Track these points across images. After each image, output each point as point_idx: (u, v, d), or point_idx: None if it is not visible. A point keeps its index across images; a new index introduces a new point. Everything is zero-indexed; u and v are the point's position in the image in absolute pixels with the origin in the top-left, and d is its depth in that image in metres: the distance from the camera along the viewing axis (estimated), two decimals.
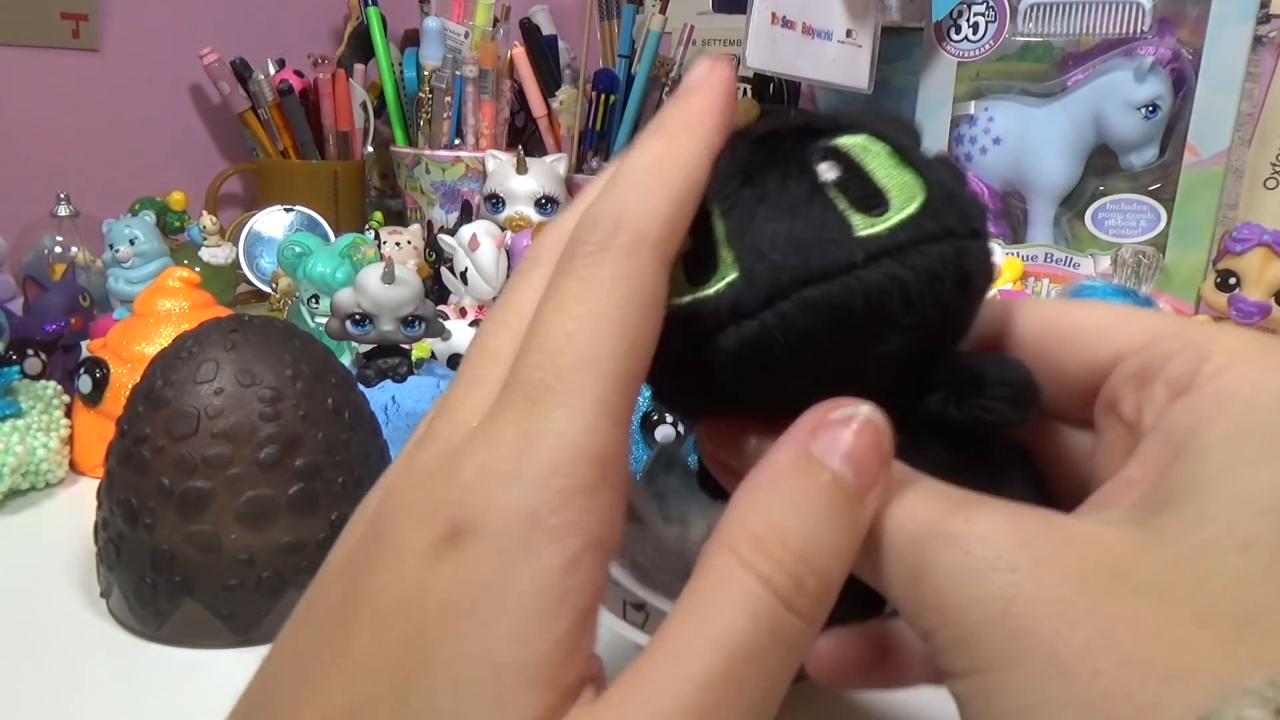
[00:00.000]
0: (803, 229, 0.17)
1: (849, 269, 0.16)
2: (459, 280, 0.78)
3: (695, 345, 0.18)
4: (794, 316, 0.17)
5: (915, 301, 0.17)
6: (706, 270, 0.18)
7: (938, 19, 0.79)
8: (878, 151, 0.18)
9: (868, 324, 0.17)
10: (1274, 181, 0.77)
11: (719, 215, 0.18)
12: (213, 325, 0.36)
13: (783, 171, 0.17)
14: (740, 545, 0.15)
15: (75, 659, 0.33)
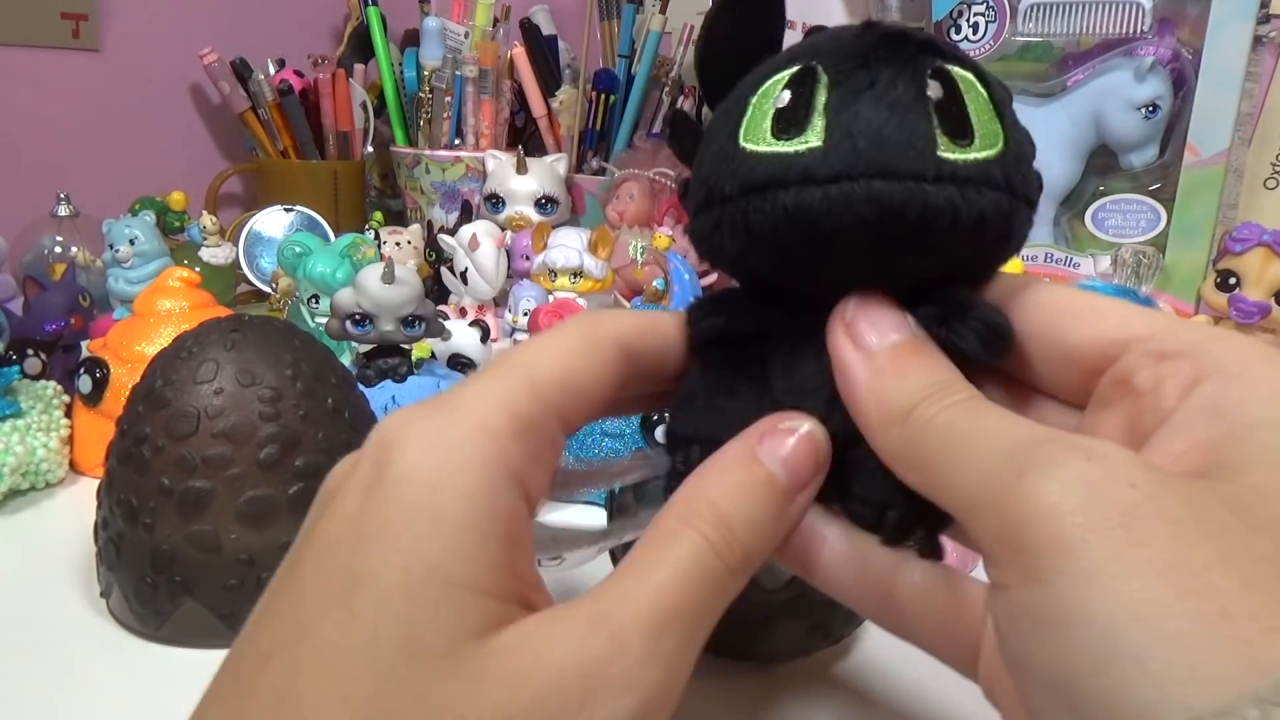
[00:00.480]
0: (895, 128, 0.18)
1: (919, 178, 0.18)
2: (459, 280, 0.78)
3: (755, 192, 0.19)
4: (854, 200, 0.18)
5: (959, 232, 0.18)
6: (794, 128, 0.19)
7: (938, 19, 0.79)
8: (980, 93, 0.19)
9: (912, 234, 0.18)
10: (1274, 181, 0.77)
11: (825, 85, 0.19)
12: (213, 325, 0.36)
13: (897, 70, 0.18)
14: (687, 514, 0.18)
15: (75, 659, 0.33)
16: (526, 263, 0.77)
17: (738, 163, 0.19)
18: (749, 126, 0.19)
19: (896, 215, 0.18)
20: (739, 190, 0.19)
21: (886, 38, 0.19)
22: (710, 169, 0.20)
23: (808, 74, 0.19)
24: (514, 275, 0.79)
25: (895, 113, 0.18)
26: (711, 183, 0.20)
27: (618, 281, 0.71)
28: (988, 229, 0.19)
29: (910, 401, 0.18)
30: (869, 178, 0.18)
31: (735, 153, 0.19)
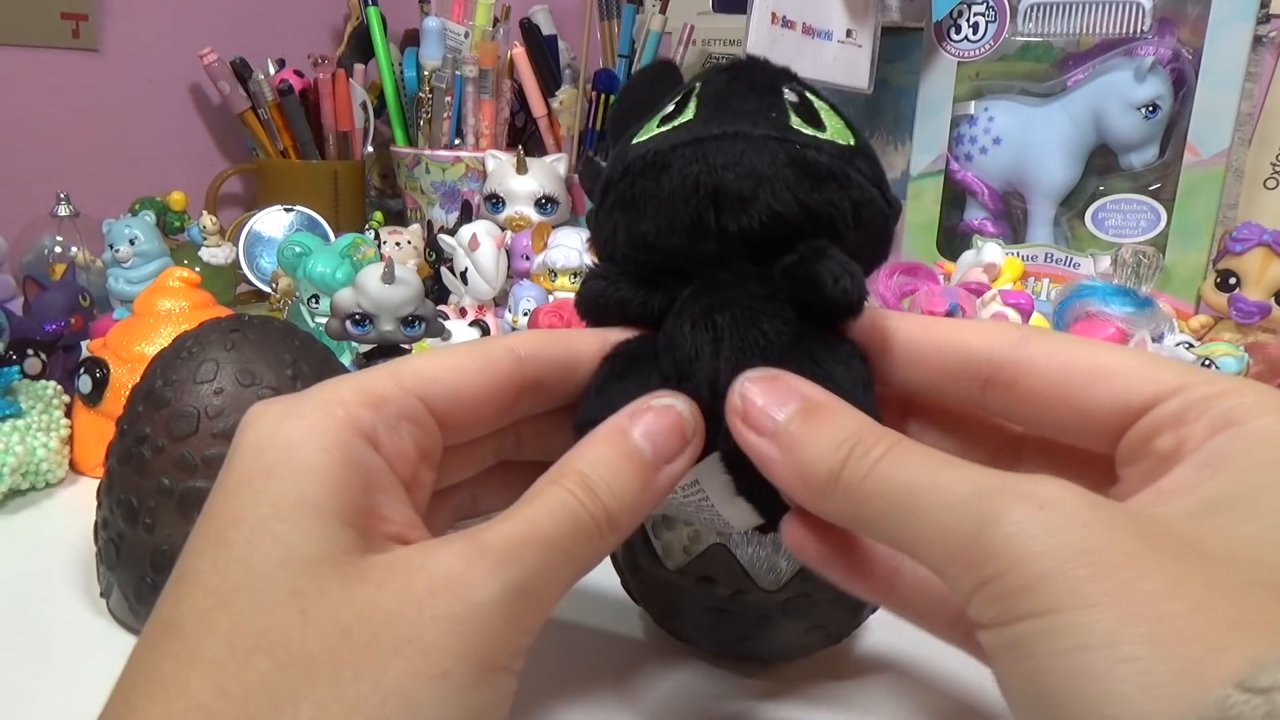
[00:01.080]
0: (755, 107, 0.21)
1: (780, 140, 0.21)
2: (459, 280, 0.78)
3: (640, 160, 0.22)
4: (722, 144, 0.21)
5: (816, 182, 0.21)
6: (674, 117, 0.22)
7: (938, 19, 0.79)
8: (833, 114, 0.23)
9: (776, 174, 0.21)
10: (1274, 181, 0.77)
11: (698, 90, 0.23)
12: (213, 325, 0.36)
13: (760, 77, 0.23)
14: (557, 476, 0.20)
15: (75, 659, 0.33)
16: (526, 263, 0.77)
17: (628, 153, 0.22)
18: (639, 133, 0.23)
19: (759, 159, 0.20)
20: (625, 168, 0.22)
21: (751, 61, 0.23)
22: (607, 172, 0.23)
23: (688, 87, 0.23)
24: (514, 275, 0.79)
25: (756, 96, 0.22)
26: (606, 178, 0.23)
27: None
28: (826, 183, 0.21)
29: (832, 468, 0.19)
30: (732, 126, 0.21)
31: (626, 148, 0.23)
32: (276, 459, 0.19)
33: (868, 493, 0.18)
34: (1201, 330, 0.67)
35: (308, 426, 0.19)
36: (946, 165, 0.82)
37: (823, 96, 0.23)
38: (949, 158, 0.82)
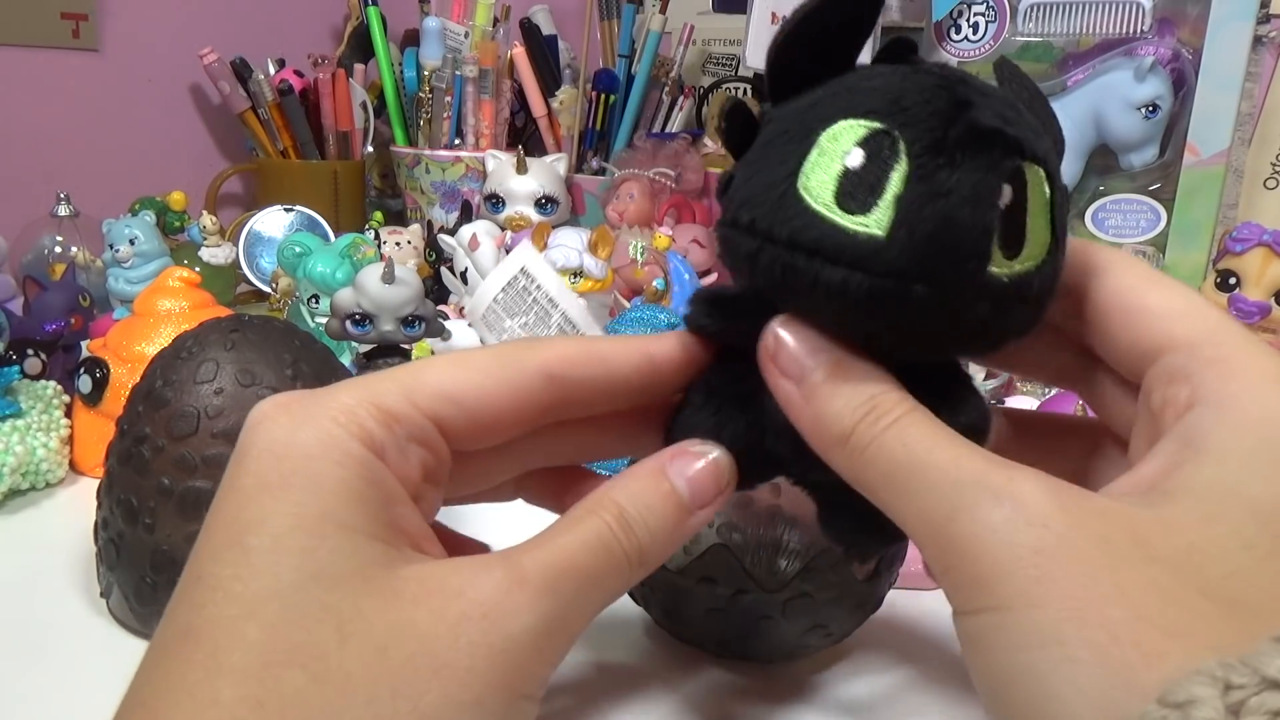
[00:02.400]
0: (955, 241, 0.19)
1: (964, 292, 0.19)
2: (459, 280, 0.77)
3: (801, 251, 0.19)
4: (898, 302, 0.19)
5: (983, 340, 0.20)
6: (859, 204, 0.19)
7: (938, 19, 0.79)
8: (1044, 194, 0.20)
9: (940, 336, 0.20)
10: (1274, 181, 0.77)
11: (902, 172, 0.19)
12: (213, 325, 0.36)
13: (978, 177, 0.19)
14: (594, 506, 0.20)
15: (75, 659, 0.33)
16: None
17: (793, 213, 0.19)
18: (811, 171, 0.19)
19: (929, 323, 0.19)
20: (787, 242, 0.19)
21: (979, 137, 0.19)
22: (762, 199, 0.20)
23: (886, 142, 0.19)
24: None
25: (963, 221, 0.18)
26: (760, 215, 0.20)
27: (618, 281, 0.71)
28: (1005, 339, 0.20)
29: (846, 425, 0.19)
30: (918, 282, 0.19)
31: (792, 199, 0.19)
32: (294, 469, 0.19)
33: (870, 458, 0.19)
34: None
35: (323, 437, 0.19)
36: None
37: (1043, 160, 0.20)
38: None
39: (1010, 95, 0.21)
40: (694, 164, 0.85)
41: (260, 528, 0.18)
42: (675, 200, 0.85)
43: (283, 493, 0.18)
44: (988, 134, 0.19)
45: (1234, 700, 0.13)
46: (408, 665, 0.17)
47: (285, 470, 0.19)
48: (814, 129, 0.20)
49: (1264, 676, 0.13)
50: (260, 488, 0.19)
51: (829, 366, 0.20)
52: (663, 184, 0.84)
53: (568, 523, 0.20)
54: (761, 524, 0.40)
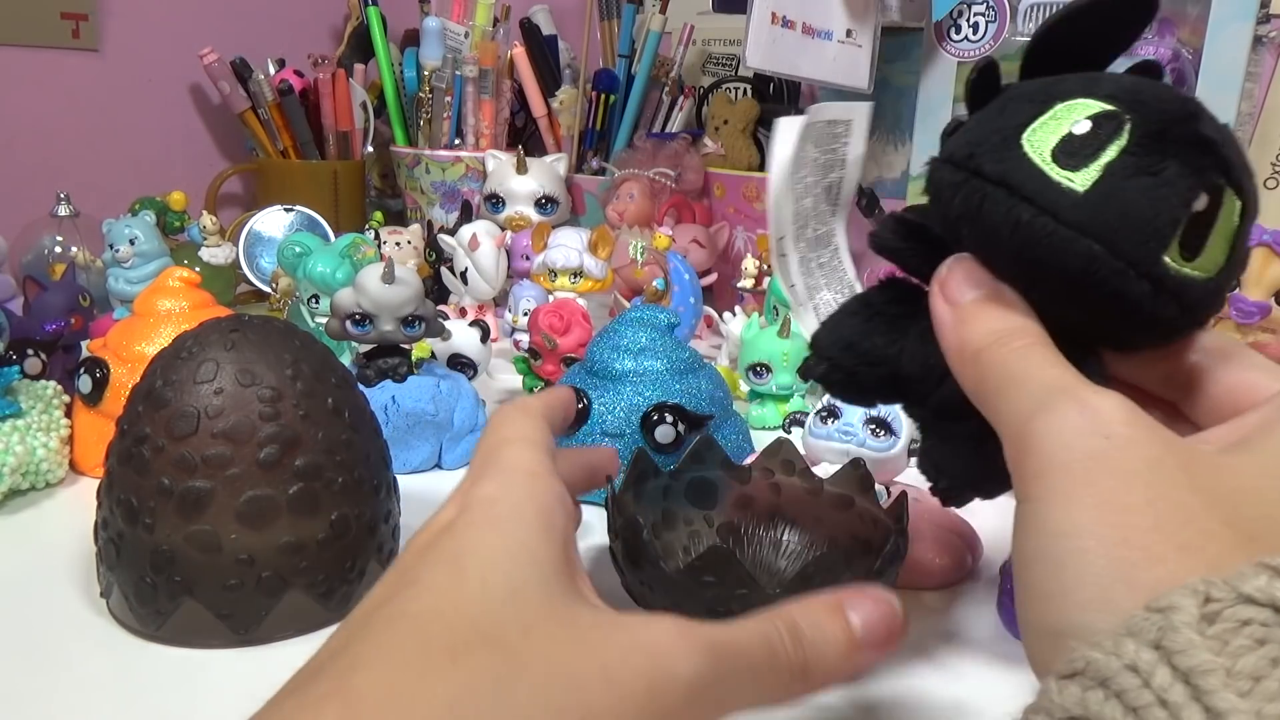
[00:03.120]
0: (1145, 218, 0.20)
1: (1132, 267, 0.21)
2: (459, 280, 0.77)
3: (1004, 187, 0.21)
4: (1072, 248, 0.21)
5: (1129, 322, 0.22)
6: (1072, 162, 0.21)
7: (938, 19, 0.79)
8: (1232, 222, 0.22)
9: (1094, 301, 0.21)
10: (1274, 181, 0.77)
11: (1120, 145, 0.21)
12: (213, 325, 0.36)
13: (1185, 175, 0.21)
14: (774, 617, 0.22)
15: (75, 659, 0.33)
16: (526, 263, 0.77)
17: (1008, 156, 0.22)
18: (1039, 129, 0.22)
19: (1090, 283, 0.21)
20: (994, 178, 0.22)
21: (1198, 141, 0.21)
22: (984, 142, 0.22)
23: (1115, 120, 0.21)
24: (514, 275, 0.79)
25: (1152, 208, 0.20)
26: (978, 151, 0.22)
27: (618, 281, 0.71)
28: (1150, 331, 0.22)
29: (981, 343, 0.22)
30: (1096, 240, 0.20)
31: (1013, 146, 0.22)
32: (504, 515, 0.23)
33: (992, 369, 0.22)
34: None
35: (526, 493, 0.24)
36: None
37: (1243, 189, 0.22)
38: None
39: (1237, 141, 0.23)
40: (694, 164, 0.85)
41: (474, 553, 0.22)
42: (675, 200, 0.85)
43: (494, 528, 0.22)
44: (1205, 142, 0.21)
45: (1210, 610, 0.15)
46: (581, 667, 0.19)
47: (498, 513, 0.23)
48: (1054, 99, 0.22)
49: (1239, 592, 0.15)
50: (473, 524, 0.23)
51: (986, 295, 0.23)
52: (663, 184, 0.84)
53: (741, 620, 0.22)
54: (761, 524, 0.40)
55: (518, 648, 0.19)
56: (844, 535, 0.38)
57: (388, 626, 0.20)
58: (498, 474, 0.24)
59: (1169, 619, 0.15)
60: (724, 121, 0.88)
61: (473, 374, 0.57)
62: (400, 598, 0.21)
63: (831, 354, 0.27)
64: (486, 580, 0.21)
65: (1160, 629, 0.15)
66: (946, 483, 0.26)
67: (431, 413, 0.50)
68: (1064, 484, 0.18)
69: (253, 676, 0.33)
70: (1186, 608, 0.15)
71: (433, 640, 0.19)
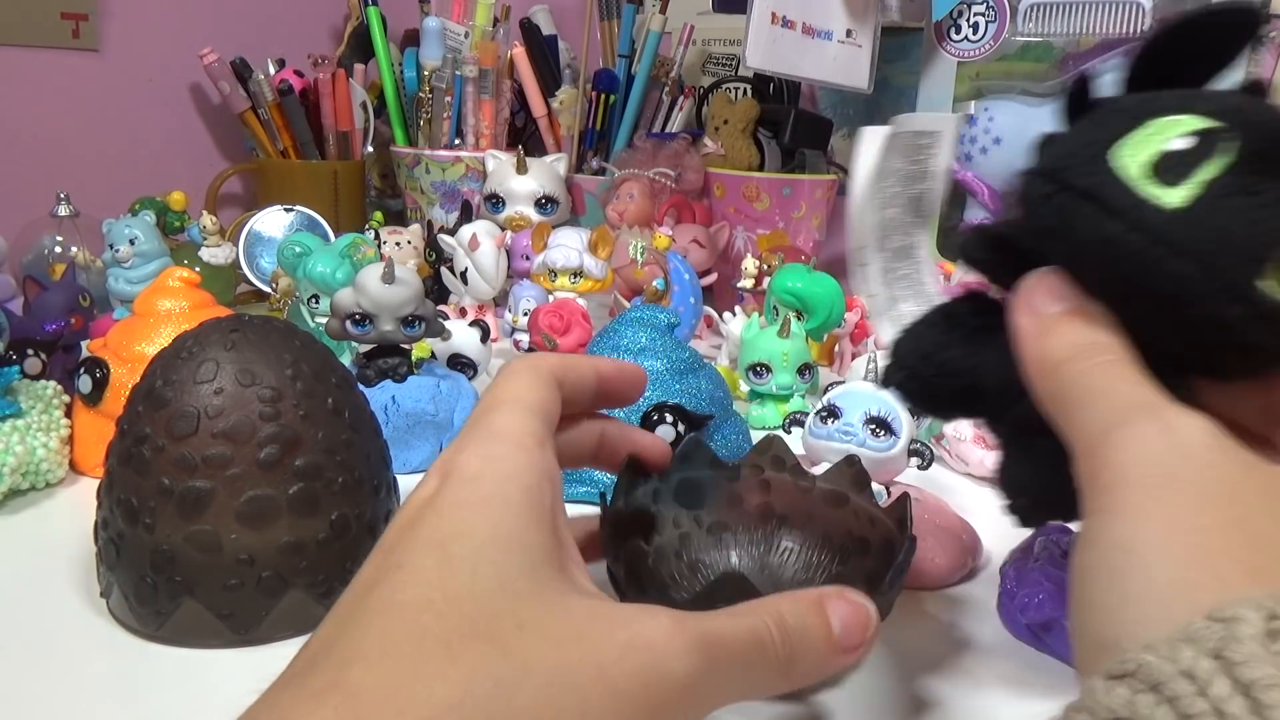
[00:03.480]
0: (1240, 241, 0.20)
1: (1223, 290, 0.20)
2: (459, 280, 0.77)
3: (1093, 201, 0.21)
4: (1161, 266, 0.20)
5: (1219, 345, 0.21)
6: (1169, 178, 0.20)
7: (938, 19, 0.79)
8: None
9: (1184, 320, 0.20)
10: None
11: (1221, 163, 0.20)
12: (213, 325, 0.36)
13: None
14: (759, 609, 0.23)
15: (75, 659, 0.33)
16: (526, 263, 0.77)
17: (1098, 169, 0.21)
18: (1131, 144, 0.21)
19: (1181, 304, 0.20)
20: (1083, 191, 0.21)
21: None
22: (1075, 154, 0.22)
23: (1217, 138, 0.20)
24: (514, 275, 0.79)
25: (1250, 229, 0.19)
26: (1070, 164, 0.22)
27: (618, 281, 0.71)
28: (1241, 358, 0.21)
29: (1062, 356, 0.22)
30: (1190, 262, 0.20)
31: (1103, 160, 0.21)
32: (490, 493, 0.22)
33: (1071, 382, 0.21)
34: None
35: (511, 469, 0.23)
36: None
37: None
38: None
39: None
40: (694, 164, 0.85)
41: (462, 538, 0.21)
42: (675, 200, 0.85)
43: (480, 511, 0.22)
44: None
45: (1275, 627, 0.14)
46: (578, 667, 0.19)
47: (483, 493, 0.22)
48: (1151, 114, 0.21)
49: None
50: (459, 504, 0.22)
51: (1070, 309, 0.22)
52: (663, 184, 0.84)
53: (729, 612, 0.22)
54: (753, 522, 0.39)
55: (514, 645, 0.19)
56: (839, 533, 0.38)
57: (380, 616, 0.20)
58: (483, 443, 0.24)
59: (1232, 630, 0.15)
60: (724, 121, 0.88)
61: (473, 374, 0.57)
62: (388, 583, 0.20)
63: (910, 363, 0.27)
64: (476, 570, 0.20)
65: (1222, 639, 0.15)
66: (1025, 501, 0.26)
67: (431, 413, 0.50)
68: (1136, 499, 0.18)
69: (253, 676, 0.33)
70: (1252, 620, 0.15)
71: (428, 633, 0.19)
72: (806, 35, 0.75)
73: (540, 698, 0.19)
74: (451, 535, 0.21)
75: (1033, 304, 0.23)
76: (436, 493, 0.22)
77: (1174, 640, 0.15)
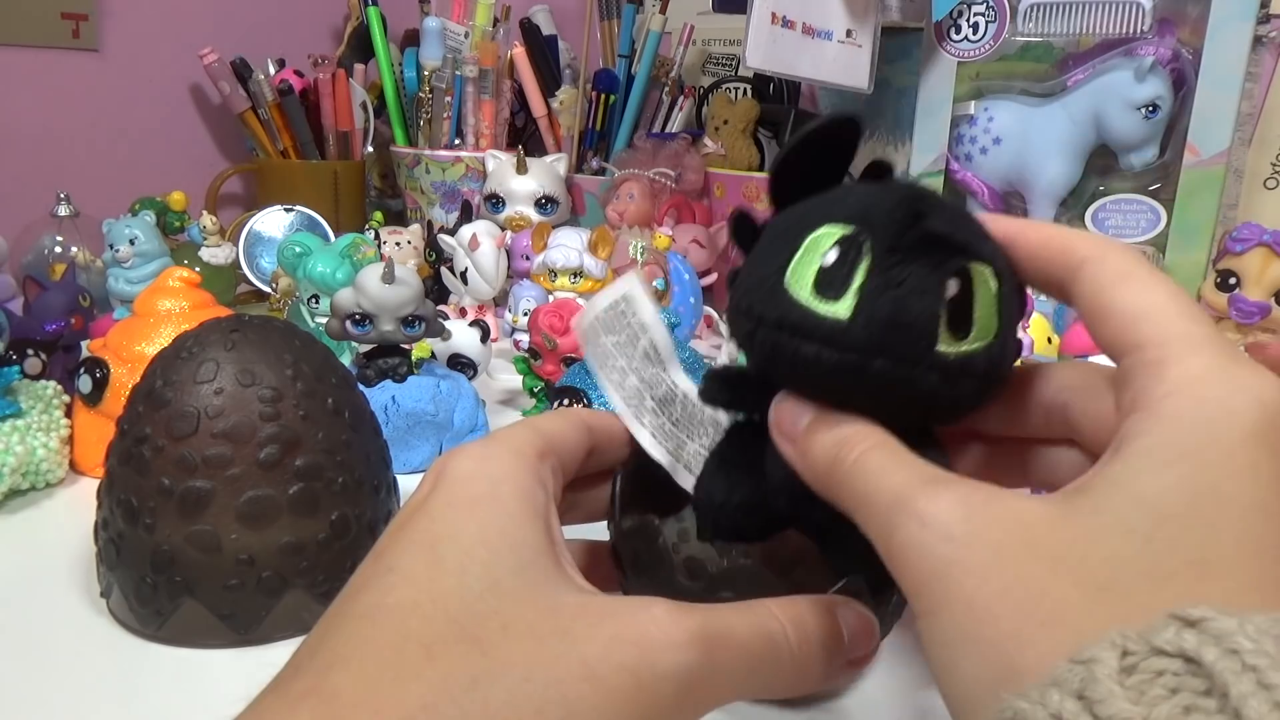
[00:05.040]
0: (907, 323, 0.23)
1: (914, 365, 0.23)
2: (459, 280, 0.77)
3: (786, 330, 0.24)
4: (859, 371, 0.23)
5: (938, 408, 0.24)
6: (831, 292, 0.23)
7: (938, 19, 0.79)
8: (990, 288, 0.24)
9: (899, 403, 0.23)
10: (1274, 181, 0.77)
11: (865, 267, 0.23)
12: (213, 325, 0.36)
13: (926, 271, 0.23)
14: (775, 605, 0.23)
15: (75, 659, 0.33)
16: (526, 263, 0.77)
17: (780, 299, 0.24)
18: (797, 268, 0.24)
19: (888, 391, 0.23)
20: (775, 323, 0.24)
21: (928, 240, 0.23)
22: (756, 288, 0.25)
23: (855, 244, 0.23)
24: (514, 275, 0.79)
25: (912, 307, 0.22)
26: (755, 300, 0.25)
27: None
28: (958, 406, 0.24)
29: (825, 462, 0.22)
30: (876, 357, 0.23)
31: (780, 290, 0.24)
32: (481, 494, 0.22)
33: (845, 486, 0.22)
34: None
35: (505, 470, 0.23)
36: (946, 165, 0.82)
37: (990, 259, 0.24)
38: (949, 158, 0.82)
39: (968, 212, 0.25)
40: (694, 164, 0.85)
41: (450, 540, 0.21)
42: (675, 200, 0.85)
43: (470, 511, 0.22)
44: (936, 238, 0.23)
45: (1128, 663, 0.15)
46: (560, 661, 0.19)
47: (474, 493, 0.22)
48: (801, 232, 0.24)
49: (1152, 645, 0.15)
50: (450, 505, 0.22)
51: (814, 418, 0.23)
52: (663, 184, 0.84)
53: (739, 607, 0.22)
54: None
55: (496, 644, 0.19)
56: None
57: (365, 620, 0.20)
58: (478, 446, 0.24)
59: (1091, 670, 0.16)
60: (724, 121, 0.88)
61: (473, 374, 0.57)
62: (376, 587, 0.20)
63: (712, 515, 0.28)
64: (464, 570, 0.20)
65: (1083, 680, 0.16)
66: (859, 581, 0.28)
67: (431, 413, 0.50)
68: (930, 599, 0.19)
69: (253, 676, 0.33)
70: (1107, 660, 0.16)
71: (410, 636, 0.19)
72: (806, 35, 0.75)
73: (519, 694, 0.18)
74: (441, 536, 0.21)
75: (783, 429, 0.24)
76: (428, 495, 0.22)
77: (1043, 686, 0.16)
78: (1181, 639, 0.15)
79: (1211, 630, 0.15)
